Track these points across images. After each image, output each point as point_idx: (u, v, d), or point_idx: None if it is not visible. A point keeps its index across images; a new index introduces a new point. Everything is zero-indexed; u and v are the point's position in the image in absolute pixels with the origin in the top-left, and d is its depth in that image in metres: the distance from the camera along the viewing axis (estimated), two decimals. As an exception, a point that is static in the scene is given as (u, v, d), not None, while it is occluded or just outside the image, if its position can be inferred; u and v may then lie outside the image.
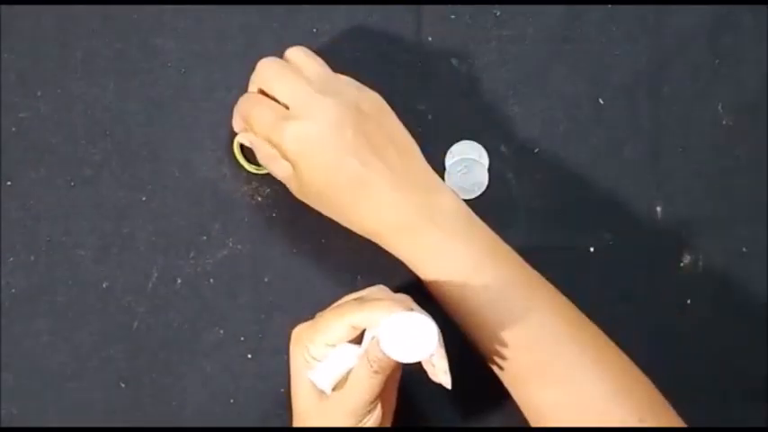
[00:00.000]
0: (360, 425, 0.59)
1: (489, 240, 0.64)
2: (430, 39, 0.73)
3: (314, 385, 0.60)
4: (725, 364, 0.71)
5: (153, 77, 0.72)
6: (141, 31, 0.72)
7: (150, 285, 0.71)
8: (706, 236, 0.73)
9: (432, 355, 0.57)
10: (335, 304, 0.63)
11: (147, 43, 0.72)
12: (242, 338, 0.71)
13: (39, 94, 0.71)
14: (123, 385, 0.71)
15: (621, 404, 0.60)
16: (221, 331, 0.71)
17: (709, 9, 0.73)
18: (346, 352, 0.59)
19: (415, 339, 0.55)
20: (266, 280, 0.71)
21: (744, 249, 0.73)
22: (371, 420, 0.59)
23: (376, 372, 0.57)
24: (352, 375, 0.58)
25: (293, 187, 0.67)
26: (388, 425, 0.63)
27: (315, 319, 0.61)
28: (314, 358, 0.60)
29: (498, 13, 0.73)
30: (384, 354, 0.55)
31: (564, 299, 0.64)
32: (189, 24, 0.72)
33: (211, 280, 0.72)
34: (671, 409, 0.62)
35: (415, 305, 0.60)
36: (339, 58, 0.72)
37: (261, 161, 0.68)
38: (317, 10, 0.73)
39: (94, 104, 0.72)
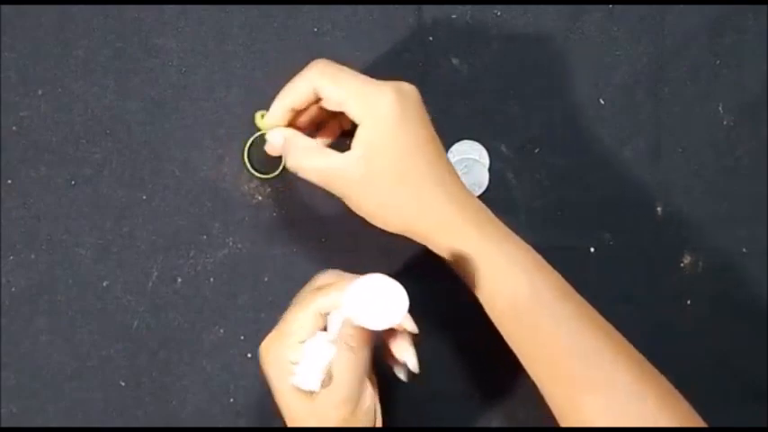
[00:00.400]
0: (357, 408, 0.58)
1: (527, 247, 0.64)
2: (430, 38, 0.73)
3: (299, 391, 0.58)
4: (725, 364, 0.71)
5: (153, 76, 0.72)
6: (142, 31, 0.72)
7: (150, 284, 0.71)
8: (706, 236, 0.73)
9: (403, 318, 0.54)
10: (293, 301, 0.61)
11: (148, 42, 0.72)
12: (242, 338, 0.71)
13: (39, 92, 0.71)
14: (123, 384, 0.71)
15: (671, 411, 0.61)
16: (221, 330, 0.71)
17: (709, 9, 0.74)
18: (319, 343, 0.58)
19: (385, 302, 0.52)
20: (266, 279, 0.72)
21: (744, 249, 0.73)
22: (368, 400, 0.58)
23: (353, 348, 0.56)
24: (334, 364, 0.57)
25: (344, 174, 0.62)
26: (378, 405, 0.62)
27: (278, 326, 0.60)
28: (293, 362, 0.58)
29: (498, 13, 0.73)
30: (355, 324, 0.53)
31: (593, 310, 0.64)
32: (190, 24, 0.72)
33: (211, 279, 0.72)
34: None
35: None
36: (339, 57, 0.72)
37: (294, 155, 0.64)
38: (318, 9, 0.73)
39: (95, 103, 0.72)
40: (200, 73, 0.72)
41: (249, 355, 0.71)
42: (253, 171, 0.72)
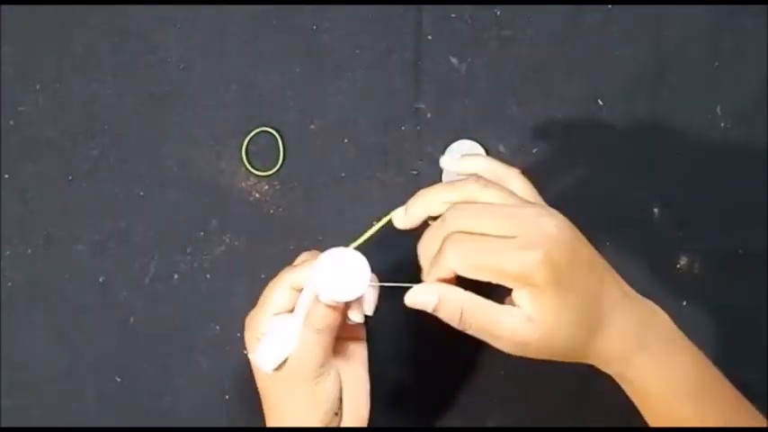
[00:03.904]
0: (318, 386, 0.58)
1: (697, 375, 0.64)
2: (430, 37, 0.73)
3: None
4: (723, 365, 0.70)
5: (152, 73, 0.72)
6: (141, 27, 0.72)
7: (147, 280, 0.71)
8: (703, 237, 0.72)
9: (365, 290, 0.56)
10: None
11: (147, 38, 0.72)
12: (238, 335, 0.71)
13: (37, 87, 0.72)
14: (119, 379, 0.71)
15: None
16: (217, 327, 0.71)
17: (709, 10, 0.73)
18: (285, 324, 0.58)
19: (350, 275, 0.55)
20: (263, 276, 0.71)
21: (740, 251, 0.72)
22: (330, 387, 0.58)
23: (320, 330, 0.57)
24: (298, 344, 0.57)
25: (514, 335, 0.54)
26: (366, 405, 0.61)
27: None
28: (262, 334, 0.59)
29: (498, 13, 0.73)
30: (324, 301, 0.55)
31: None
32: (189, 20, 0.72)
33: (208, 276, 0.72)
34: None
35: None
36: (339, 56, 0.73)
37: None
38: (317, 8, 0.73)
39: (93, 99, 0.72)
40: (198, 70, 0.72)
41: (245, 352, 0.71)
42: (250, 168, 0.72)
